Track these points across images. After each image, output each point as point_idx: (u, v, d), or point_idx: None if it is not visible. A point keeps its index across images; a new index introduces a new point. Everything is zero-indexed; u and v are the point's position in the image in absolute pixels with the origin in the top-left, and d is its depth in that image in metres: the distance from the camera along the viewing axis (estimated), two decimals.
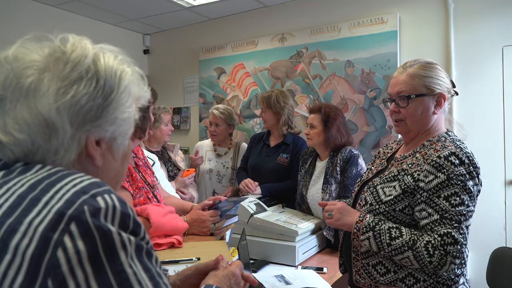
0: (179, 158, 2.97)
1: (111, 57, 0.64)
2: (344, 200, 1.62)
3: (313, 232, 2.08)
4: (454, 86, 1.39)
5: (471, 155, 1.23)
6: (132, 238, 0.52)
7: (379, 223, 1.26)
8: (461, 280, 1.27)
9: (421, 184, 1.23)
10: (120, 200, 0.53)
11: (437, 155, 1.23)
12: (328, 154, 2.22)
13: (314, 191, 2.21)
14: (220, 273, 0.84)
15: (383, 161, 1.48)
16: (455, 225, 1.17)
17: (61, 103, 0.57)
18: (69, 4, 3.36)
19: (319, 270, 1.81)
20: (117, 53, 0.66)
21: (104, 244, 0.49)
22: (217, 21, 3.80)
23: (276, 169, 2.57)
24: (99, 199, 0.51)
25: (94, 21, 3.73)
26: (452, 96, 1.38)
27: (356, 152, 2.16)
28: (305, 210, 2.27)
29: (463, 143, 1.30)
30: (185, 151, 3.86)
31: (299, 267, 1.86)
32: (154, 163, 2.05)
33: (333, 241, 2.08)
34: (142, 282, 0.50)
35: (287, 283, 1.65)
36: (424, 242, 1.18)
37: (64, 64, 0.58)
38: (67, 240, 0.47)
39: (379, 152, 1.58)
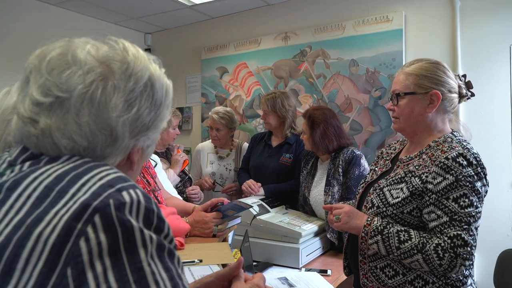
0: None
1: (157, 69, 0.66)
2: (348, 202, 1.60)
3: (317, 234, 2.06)
4: (469, 87, 1.38)
5: (478, 155, 1.23)
6: (154, 236, 0.51)
7: (387, 226, 1.25)
8: (469, 281, 1.26)
9: (430, 186, 1.21)
10: (145, 195, 0.53)
11: (444, 156, 1.22)
12: (328, 156, 2.19)
13: (317, 193, 2.18)
14: (244, 286, 0.82)
15: (387, 162, 1.47)
16: (465, 226, 1.16)
17: (127, 117, 0.59)
18: (70, 2, 3.33)
19: (323, 272, 1.79)
20: (159, 63, 0.67)
21: (125, 239, 0.49)
22: (219, 19, 3.77)
23: (279, 169, 2.54)
24: (125, 193, 0.51)
25: (96, 20, 3.71)
26: (464, 97, 1.37)
27: (358, 152, 2.12)
28: (308, 211, 2.24)
29: (469, 143, 1.29)
30: (187, 152, 3.83)
31: (303, 269, 1.84)
32: (156, 164, 2.02)
33: (337, 243, 2.05)
34: (159, 281, 0.50)
35: (290, 285, 1.63)
36: (434, 244, 1.17)
37: (127, 77, 0.59)
38: (90, 230, 0.47)
39: (382, 153, 1.57)
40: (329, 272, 1.79)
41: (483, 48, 2.62)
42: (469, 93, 1.38)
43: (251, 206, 1.86)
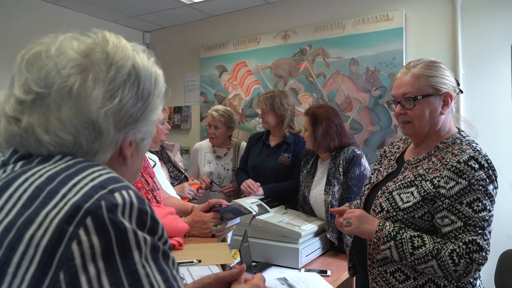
0: (177, 158, 2.91)
1: (145, 58, 0.64)
2: (354, 203, 1.58)
3: (317, 234, 2.04)
4: (458, 84, 1.36)
5: (488, 157, 1.21)
6: (148, 237, 0.51)
7: (400, 231, 1.22)
8: (478, 282, 1.27)
9: (442, 191, 1.19)
10: (138, 196, 0.52)
11: (456, 160, 1.19)
12: (328, 155, 2.17)
13: (317, 192, 2.17)
14: (244, 287, 0.81)
15: (392, 162, 1.43)
16: (479, 231, 1.14)
17: (109, 108, 0.57)
18: (68, 1, 3.31)
19: (322, 273, 1.78)
20: (148, 54, 0.66)
21: (118, 241, 0.48)
22: (218, 18, 3.75)
23: (278, 169, 2.52)
24: (117, 194, 0.50)
25: (94, 18, 3.68)
26: (457, 94, 1.35)
27: (359, 152, 2.11)
28: (308, 211, 2.23)
29: (477, 144, 1.27)
30: (186, 151, 3.81)
31: (302, 269, 1.83)
32: (155, 164, 2.01)
33: (337, 244, 2.04)
34: (154, 283, 0.49)
35: (290, 286, 1.62)
36: (449, 250, 1.15)
37: (107, 66, 0.58)
38: (82, 233, 0.46)
39: (385, 151, 1.54)
40: (328, 272, 1.78)
41: (484, 47, 2.60)
42: (459, 90, 1.36)
43: (250, 212, 1.84)
